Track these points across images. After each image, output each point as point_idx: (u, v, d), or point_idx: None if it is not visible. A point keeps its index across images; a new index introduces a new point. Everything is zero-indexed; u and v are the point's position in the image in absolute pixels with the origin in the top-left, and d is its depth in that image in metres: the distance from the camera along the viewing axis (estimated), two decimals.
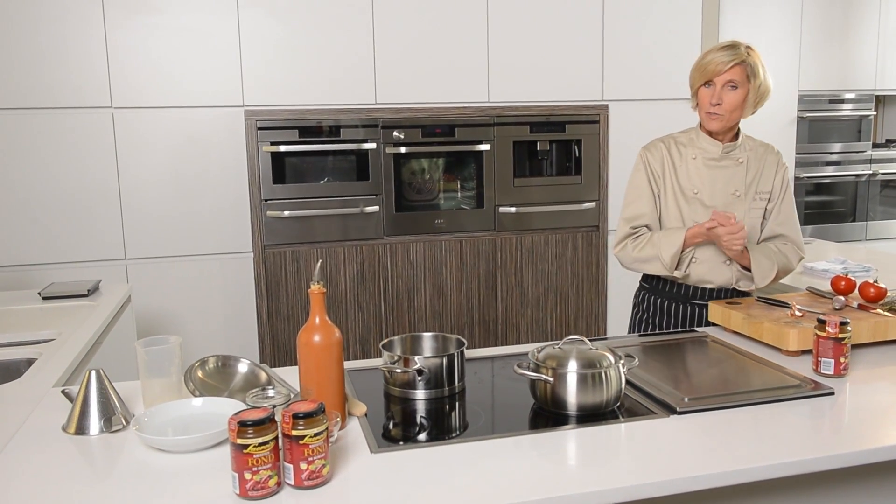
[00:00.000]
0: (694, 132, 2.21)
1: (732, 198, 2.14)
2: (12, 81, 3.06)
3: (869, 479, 1.49)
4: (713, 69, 2.04)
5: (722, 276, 2.14)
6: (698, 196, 2.13)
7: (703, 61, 2.07)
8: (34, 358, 1.98)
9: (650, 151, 2.21)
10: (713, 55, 2.05)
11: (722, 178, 2.14)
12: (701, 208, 2.12)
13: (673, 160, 2.17)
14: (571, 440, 1.38)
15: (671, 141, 2.22)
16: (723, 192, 2.13)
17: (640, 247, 2.13)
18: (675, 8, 3.73)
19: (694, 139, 2.19)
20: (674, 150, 2.19)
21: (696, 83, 2.10)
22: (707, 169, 2.14)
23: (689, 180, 2.15)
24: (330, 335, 1.41)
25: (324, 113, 3.28)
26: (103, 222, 3.22)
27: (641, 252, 2.13)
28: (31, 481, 1.22)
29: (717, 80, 2.05)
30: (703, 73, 2.07)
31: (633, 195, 2.20)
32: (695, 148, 2.17)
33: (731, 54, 2.03)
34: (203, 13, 3.21)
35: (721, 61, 2.03)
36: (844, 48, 4.53)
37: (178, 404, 1.47)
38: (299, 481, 1.17)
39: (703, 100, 2.09)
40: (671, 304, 2.21)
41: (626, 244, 2.17)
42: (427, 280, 3.45)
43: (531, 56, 3.57)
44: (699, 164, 2.15)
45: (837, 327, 1.65)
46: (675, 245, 2.07)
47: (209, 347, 3.35)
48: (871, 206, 4.80)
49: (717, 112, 2.07)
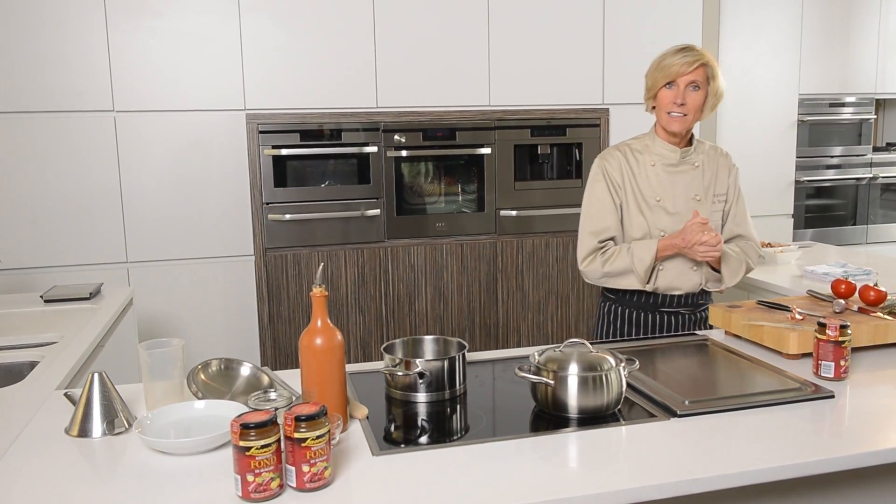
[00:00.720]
0: (649, 138, 2.18)
1: (693, 202, 2.13)
2: (15, 85, 3.07)
3: (869, 482, 1.49)
4: (677, 70, 2.03)
5: (690, 281, 2.14)
6: (661, 203, 2.12)
7: (665, 62, 2.05)
8: (37, 361, 1.98)
9: (608, 161, 2.17)
10: (676, 57, 2.04)
11: (681, 183, 2.13)
12: (665, 215, 2.12)
13: (632, 168, 2.14)
14: (572, 443, 1.38)
15: (626, 148, 2.18)
16: (684, 197, 2.13)
17: (611, 261, 2.10)
18: (675, 12, 3.74)
19: (650, 145, 2.16)
20: (630, 158, 2.15)
21: (658, 84, 2.07)
22: (667, 175, 2.12)
23: (651, 188, 2.12)
24: (332, 338, 1.41)
25: (325, 116, 3.28)
26: (105, 225, 3.23)
27: (612, 266, 2.10)
28: (34, 483, 1.23)
29: (681, 80, 2.04)
30: (666, 73, 2.05)
31: (596, 207, 2.16)
32: (652, 154, 2.14)
33: (694, 55, 2.03)
34: (205, 17, 3.22)
35: (686, 62, 2.02)
36: (845, 52, 4.54)
37: (180, 407, 1.47)
38: (301, 484, 1.18)
39: (664, 101, 2.07)
40: (639, 314, 2.18)
41: (595, 258, 2.13)
42: (428, 283, 3.46)
43: (532, 60, 3.58)
44: (658, 170, 2.13)
45: (837, 330, 1.65)
46: (649, 257, 2.06)
47: (210, 350, 3.35)
48: (871, 210, 4.80)
49: (680, 112, 2.06)
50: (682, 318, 2.17)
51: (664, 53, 2.08)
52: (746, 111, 4.28)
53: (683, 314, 2.16)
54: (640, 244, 2.09)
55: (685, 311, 2.16)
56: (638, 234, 2.13)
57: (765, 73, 4.31)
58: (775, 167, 4.39)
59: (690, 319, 2.18)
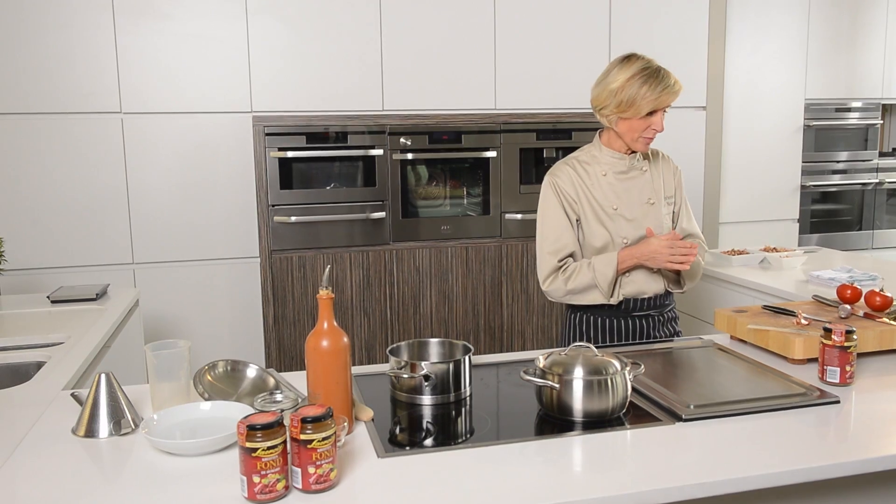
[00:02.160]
0: (595, 149, 2.15)
1: (647, 206, 2.13)
2: (22, 87, 3.09)
3: (874, 488, 1.49)
4: (665, 99, 1.99)
5: (656, 284, 2.14)
6: (618, 211, 2.11)
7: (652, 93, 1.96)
8: (44, 361, 1.99)
9: (558, 177, 2.14)
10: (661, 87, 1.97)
11: (634, 189, 2.13)
12: (624, 222, 2.11)
13: (583, 180, 2.12)
14: (577, 447, 1.38)
15: (574, 162, 2.16)
16: (638, 202, 2.12)
17: (573, 278, 2.07)
18: (681, 16, 3.74)
19: (596, 156, 2.14)
20: (581, 171, 2.14)
21: (643, 111, 1.98)
22: (619, 182, 2.12)
23: (606, 197, 2.11)
24: (338, 340, 1.42)
25: (331, 119, 3.29)
26: (112, 227, 3.24)
27: (575, 283, 2.07)
28: (41, 483, 1.23)
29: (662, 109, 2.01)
30: (654, 103, 1.98)
31: (552, 225, 2.14)
32: (600, 165, 2.13)
33: (676, 85, 2.00)
34: (212, 19, 3.24)
35: (673, 91, 1.99)
36: (851, 57, 4.54)
37: (186, 408, 1.48)
38: (307, 485, 1.18)
39: (640, 125, 2.02)
40: (608, 321, 2.15)
41: (556, 277, 2.10)
42: (433, 286, 3.46)
43: (538, 63, 3.59)
44: (611, 179, 2.11)
45: (843, 336, 1.65)
46: (611, 271, 2.03)
47: (215, 352, 3.36)
48: (877, 215, 4.79)
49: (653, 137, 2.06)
50: (652, 319, 2.16)
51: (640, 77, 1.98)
52: (752, 116, 4.28)
53: (653, 316, 2.16)
54: (600, 259, 2.06)
55: (654, 312, 2.16)
56: (599, 243, 2.10)
57: (771, 78, 4.31)
58: (781, 172, 4.39)
59: (659, 321, 2.18)
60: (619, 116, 2.04)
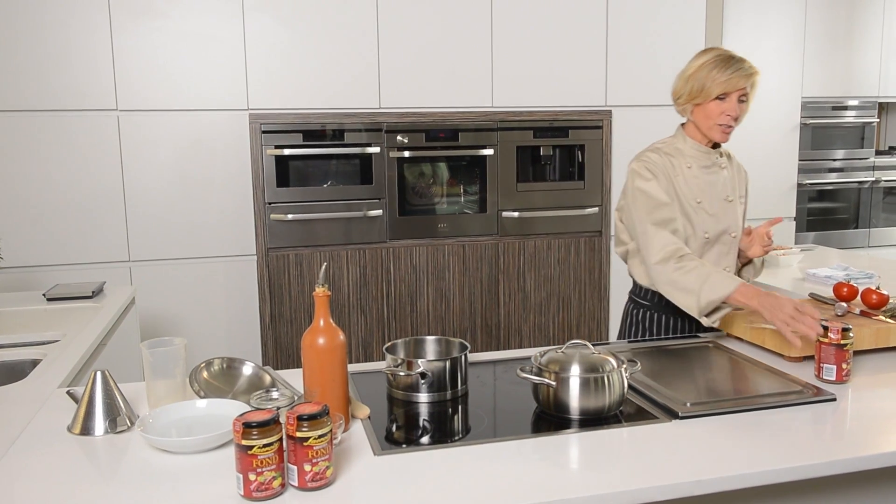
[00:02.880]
0: (679, 140, 2.12)
1: (726, 203, 2.11)
2: (18, 84, 3.08)
3: (870, 485, 1.49)
4: (737, 83, 1.96)
5: None
6: (702, 205, 2.08)
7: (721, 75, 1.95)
8: (39, 359, 1.99)
9: (650, 161, 2.07)
10: (732, 69, 1.95)
11: (715, 184, 2.11)
12: (706, 216, 2.08)
13: (669, 171, 2.08)
14: (574, 444, 1.38)
15: (660, 152, 2.11)
16: (718, 198, 2.10)
17: (686, 270, 1.91)
18: (678, 14, 3.74)
19: (680, 148, 2.10)
20: (666, 161, 2.09)
21: (711, 94, 1.98)
22: (703, 175, 2.09)
23: (690, 190, 2.08)
24: (334, 338, 1.42)
25: (328, 117, 3.29)
26: (108, 224, 3.23)
27: (684, 278, 1.91)
28: (36, 481, 1.23)
29: (735, 93, 1.98)
30: (724, 85, 1.96)
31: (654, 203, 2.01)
32: (685, 157, 2.09)
33: (749, 68, 1.97)
34: (208, 17, 3.23)
35: (746, 74, 1.96)
36: (848, 55, 4.54)
37: (182, 405, 1.47)
38: (303, 483, 1.18)
39: (714, 112, 2.00)
40: (670, 319, 2.14)
41: (669, 261, 1.94)
42: (430, 284, 3.46)
43: (535, 61, 3.59)
44: (695, 171, 2.09)
45: (839, 333, 1.65)
46: (721, 293, 1.86)
47: (212, 350, 3.36)
48: (873, 213, 4.80)
49: (731, 125, 2.01)
50: None
51: (712, 62, 1.98)
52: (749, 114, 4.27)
53: None
54: (723, 274, 1.90)
55: None
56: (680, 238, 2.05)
57: (768, 76, 4.31)
58: (778, 170, 4.39)
59: None
60: (693, 104, 2.03)
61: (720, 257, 2.11)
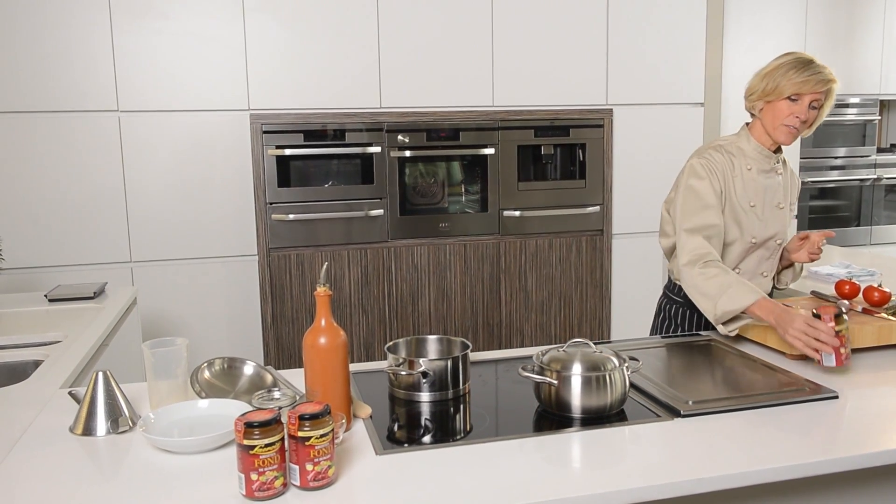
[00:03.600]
0: (743, 140, 2.09)
1: (777, 209, 2.10)
2: (19, 85, 3.08)
3: (873, 483, 1.49)
4: (811, 87, 1.95)
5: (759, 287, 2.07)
6: (755, 209, 2.07)
7: (798, 76, 1.94)
8: (41, 359, 1.99)
9: (712, 159, 2.05)
10: (808, 72, 1.94)
11: (770, 189, 2.09)
12: (756, 221, 2.07)
13: (729, 170, 2.06)
14: (576, 443, 1.38)
15: (722, 150, 2.08)
16: (770, 203, 2.09)
17: (708, 277, 1.92)
18: (679, 13, 3.73)
19: (743, 148, 2.08)
20: (727, 160, 2.07)
21: (784, 93, 1.96)
22: (762, 179, 2.08)
23: (746, 192, 2.06)
24: (336, 337, 1.42)
25: (329, 117, 3.29)
26: (109, 225, 3.24)
27: (706, 283, 1.92)
28: (39, 482, 1.23)
29: (807, 97, 1.96)
30: (798, 86, 1.95)
31: (699, 204, 2.01)
32: (746, 158, 2.07)
33: (827, 75, 1.96)
34: (209, 18, 3.23)
35: (822, 80, 1.95)
36: (849, 53, 4.53)
37: (184, 406, 1.47)
38: (305, 482, 1.18)
39: (783, 112, 1.98)
40: (700, 316, 2.16)
41: (695, 266, 1.95)
42: (431, 283, 3.46)
43: (536, 60, 3.58)
44: (754, 174, 2.07)
45: (833, 320, 1.65)
46: (738, 304, 1.87)
47: (213, 350, 3.36)
48: (875, 211, 4.79)
49: (797, 127, 1.99)
50: None
51: (790, 63, 1.98)
52: None
53: None
54: (744, 286, 1.89)
55: None
56: (728, 238, 2.06)
57: None
58: None
59: None
60: (764, 101, 2.02)
61: (760, 261, 2.12)
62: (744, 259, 2.11)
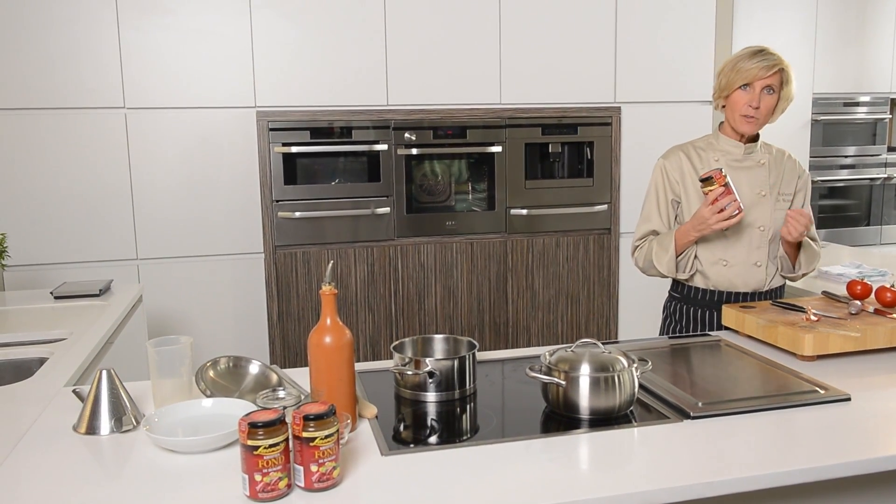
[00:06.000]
0: (712, 136, 2.22)
1: (758, 198, 2.13)
2: (26, 82, 3.08)
3: (885, 487, 1.47)
4: (755, 73, 2.04)
5: (753, 278, 2.13)
6: None
7: (743, 65, 2.05)
8: (46, 357, 1.98)
9: (667, 159, 2.21)
10: (754, 60, 2.04)
11: (746, 178, 2.14)
12: None
13: (694, 165, 2.17)
14: (583, 444, 1.36)
15: (689, 147, 2.22)
16: (748, 192, 2.13)
17: (642, 257, 2.19)
18: (688, 11, 3.71)
19: (713, 143, 2.20)
20: (693, 156, 2.18)
21: (734, 85, 2.08)
22: (731, 170, 2.13)
23: None
24: (341, 336, 1.40)
25: (335, 114, 3.27)
26: (115, 222, 3.23)
27: (643, 261, 2.19)
28: (42, 480, 1.22)
29: (757, 83, 2.05)
30: (743, 76, 2.05)
31: (648, 209, 2.22)
32: (715, 151, 2.18)
33: (772, 59, 2.05)
34: (216, 15, 3.22)
35: (764, 66, 2.03)
36: (859, 51, 4.50)
37: (188, 405, 1.46)
38: (309, 483, 1.17)
39: (738, 102, 2.09)
40: (703, 312, 2.19)
41: (636, 254, 2.23)
42: (438, 282, 3.45)
43: (543, 58, 3.56)
44: (722, 165, 2.14)
45: (715, 183, 1.95)
46: (668, 251, 2.11)
47: (219, 348, 3.35)
48: (885, 210, 4.75)
49: (754, 115, 2.07)
50: None
51: (740, 55, 2.08)
52: None
53: None
54: (662, 236, 2.14)
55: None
56: None
57: None
58: None
59: None
60: (723, 98, 2.14)
61: (749, 251, 2.13)
62: (726, 249, 2.13)
